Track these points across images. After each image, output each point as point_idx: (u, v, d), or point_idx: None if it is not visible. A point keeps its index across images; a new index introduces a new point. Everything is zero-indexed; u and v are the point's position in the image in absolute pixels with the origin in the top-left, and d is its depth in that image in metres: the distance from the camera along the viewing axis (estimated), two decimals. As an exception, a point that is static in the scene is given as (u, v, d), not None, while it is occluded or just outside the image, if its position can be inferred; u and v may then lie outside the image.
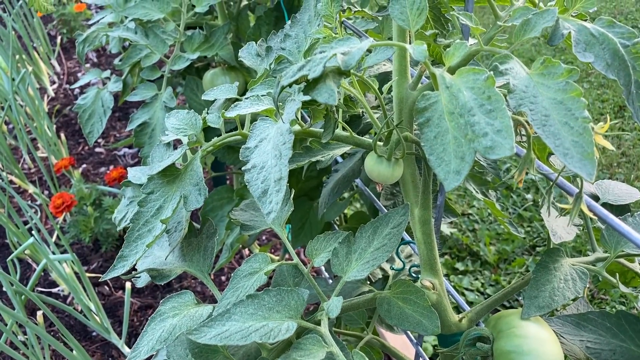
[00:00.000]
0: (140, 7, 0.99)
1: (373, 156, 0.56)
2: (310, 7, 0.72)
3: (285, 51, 0.70)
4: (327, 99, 0.44)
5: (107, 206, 1.72)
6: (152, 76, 0.99)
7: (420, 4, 0.48)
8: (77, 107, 1.15)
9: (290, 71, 0.46)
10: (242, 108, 0.59)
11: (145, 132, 0.96)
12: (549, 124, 0.45)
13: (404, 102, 0.60)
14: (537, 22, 0.50)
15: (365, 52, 0.47)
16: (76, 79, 2.62)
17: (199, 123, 0.66)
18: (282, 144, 0.49)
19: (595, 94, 2.88)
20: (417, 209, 0.62)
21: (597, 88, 2.93)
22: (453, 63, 0.47)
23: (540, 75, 0.47)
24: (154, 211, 0.64)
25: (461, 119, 0.44)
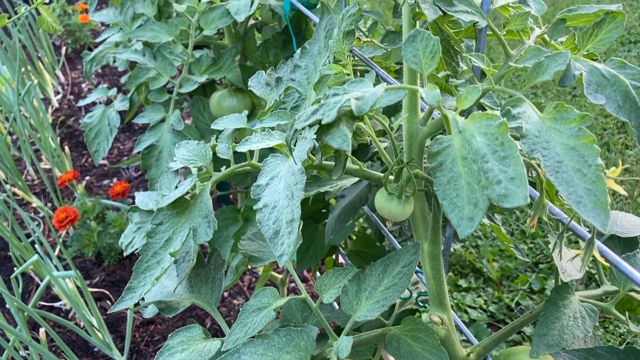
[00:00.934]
0: (148, 30, 1.00)
1: (383, 193, 0.56)
2: (320, 39, 0.72)
3: (294, 82, 0.70)
4: (341, 144, 0.44)
5: (110, 220, 1.72)
6: (159, 99, 0.99)
7: (433, 47, 0.48)
8: (84, 126, 1.16)
9: (304, 115, 0.46)
10: (252, 143, 0.59)
11: (153, 155, 0.96)
12: (561, 170, 0.45)
13: (414, 137, 0.60)
14: (550, 65, 0.50)
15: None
16: (80, 90, 2.63)
17: (208, 154, 0.66)
18: (294, 184, 0.49)
19: (598, 109, 2.88)
20: (426, 243, 0.62)
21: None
22: (466, 107, 0.48)
23: (553, 119, 0.48)
24: (163, 243, 0.64)
25: (474, 165, 0.44)
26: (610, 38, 0.54)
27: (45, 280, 1.30)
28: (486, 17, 0.54)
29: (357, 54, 0.83)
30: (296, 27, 1.04)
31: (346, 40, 0.59)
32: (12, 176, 1.91)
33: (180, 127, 0.95)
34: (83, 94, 2.60)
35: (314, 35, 0.73)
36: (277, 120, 0.67)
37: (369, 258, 1.00)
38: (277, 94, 0.71)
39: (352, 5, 0.59)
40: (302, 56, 0.72)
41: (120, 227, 1.72)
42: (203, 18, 1.02)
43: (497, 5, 0.55)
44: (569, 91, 2.98)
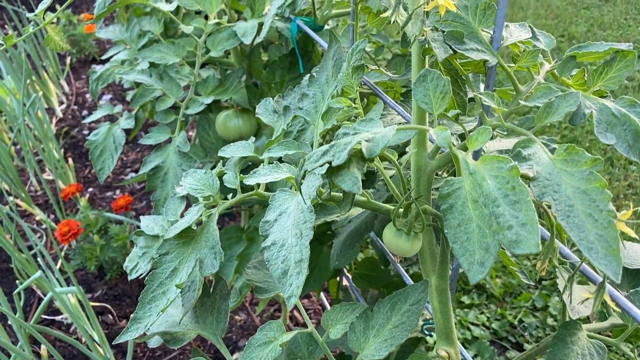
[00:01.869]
0: (155, 51, 1.00)
1: (392, 229, 0.55)
2: (328, 67, 0.72)
3: (302, 111, 0.70)
4: (351, 187, 0.44)
5: (113, 234, 1.72)
6: (166, 120, 0.99)
7: (444, 87, 0.48)
8: (89, 143, 1.16)
9: (314, 155, 0.46)
10: (260, 175, 0.59)
11: (158, 176, 0.96)
12: (572, 214, 0.44)
13: (422, 170, 0.60)
14: (560, 105, 0.50)
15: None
16: (85, 100, 2.64)
17: (216, 184, 0.66)
18: (303, 223, 0.49)
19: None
20: (434, 277, 0.61)
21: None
22: (476, 148, 0.47)
23: (564, 161, 0.47)
24: (169, 273, 0.63)
25: (485, 209, 0.44)
26: (620, 77, 0.54)
27: (48, 297, 1.29)
28: (496, 55, 0.54)
29: (364, 80, 0.83)
30: (303, 49, 1.04)
31: (355, 75, 0.59)
32: (15, 188, 1.91)
33: (186, 149, 0.95)
34: (87, 104, 2.60)
35: (322, 63, 0.73)
36: (285, 150, 0.66)
37: (373, 281, 0.99)
38: (285, 123, 0.71)
39: (361, 41, 0.59)
40: (310, 84, 0.72)
41: (123, 241, 1.72)
42: (210, 39, 1.02)
43: (507, 43, 0.54)
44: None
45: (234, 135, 1.10)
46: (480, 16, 0.54)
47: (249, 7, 1.01)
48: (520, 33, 0.56)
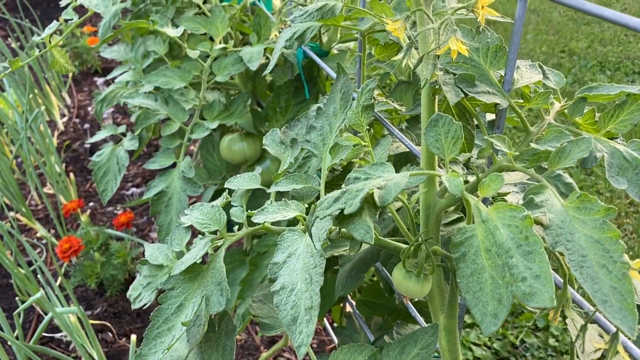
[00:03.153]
0: (161, 75, 1.00)
1: (401, 270, 0.55)
2: (336, 100, 0.72)
3: (310, 144, 0.70)
4: (364, 236, 0.43)
5: (114, 251, 1.71)
6: (171, 144, 0.99)
7: (456, 132, 0.48)
8: (92, 164, 1.15)
9: (325, 201, 0.46)
10: (269, 214, 0.58)
11: (162, 201, 0.96)
12: (586, 265, 0.44)
13: (431, 208, 0.60)
14: (572, 151, 0.50)
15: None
16: (86, 113, 2.64)
17: (222, 219, 0.66)
18: (313, 267, 0.48)
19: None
20: (442, 316, 0.61)
21: (604, 134, 2.93)
22: (489, 195, 0.47)
23: (576, 209, 0.47)
24: (175, 309, 0.63)
25: (498, 259, 0.44)
26: (632, 120, 0.54)
27: (48, 317, 1.28)
28: (507, 97, 0.54)
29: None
30: (308, 74, 1.04)
31: (365, 113, 0.59)
32: (16, 202, 1.91)
33: (191, 174, 0.95)
34: (89, 117, 2.60)
35: (330, 95, 0.73)
36: (293, 184, 0.66)
37: (377, 309, 0.99)
38: (293, 156, 0.70)
39: (371, 80, 0.59)
40: (317, 116, 0.72)
41: (124, 258, 1.71)
42: (216, 64, 1.02)
43: (518, 85, 0.54)
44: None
45: (238, 159, 1.10)
46: (491, 58, 0.54)
47: (255, 33, 1.01)
48: (531, 74, 0.56)
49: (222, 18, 1.01)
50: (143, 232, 1.96)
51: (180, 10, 1.33)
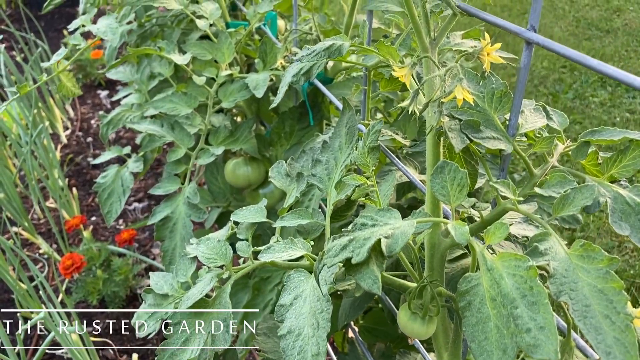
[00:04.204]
0: (168, 101, 1.01)
1: (407, 311, 0.56)
2: (342, 134, 0.73)
3: (315, 178, 0.71)
4: (371, 285, 0.44)
5: (116, 267, 1.71)
6: (176, 170, 1.00)
7: (462, 180, 0.49)
8: (97, 186, 1.16)
9: (333, 249, 0.46)
10: (276, 252, 0.59)
11: (167, 227, 0.96)
12: (589, 315, 0.45)
13: (435, 247, 0.60)
14: (576, 198, 0.50)
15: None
16: (89, 126, 2.65)
17: (229, 253, 0.66)
18: (320, 312, 0.49)
19: (603, 157, 2.89)
20: (446, 354, 0.61)
21: (604, 150, 2.94)
22: (494, 242, 0.48)
23: (580, 257, 0.48)
24: (180, 343, 0.63)
25: (504, 309, 0.44)
26: (635, 165, 0.54)
27: (50, 337, 1.29)
28: (512, 142, 0.55)
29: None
30: (313, 100, 1.05)
31: (371, 154, 0.60)
32: (19, 217, 1.91)
33: (196, 200, 0.96)
34: (92, 131, 2.62)
35: (335, 129, 0.74)
36: (298, 219, 0.67)
37: (380, 335, 0.99)
38: (298, 191, 0.71)
39: (377, 122, 0.60)
40: (323, 150, 0.73)
41: (126, 275, 1.72)
42: (222, 90, 1.03)
43: (523, 130, 0.55)
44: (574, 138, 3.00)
45: (242, 183, 1.10)
46: (496, 103, 0.55)
47: (261, 59, 1.02)
48: (535, 118, 0.57)
49: (229, 44, 1.03)
50: (145, 248, 1.97)
51: (186, 32, 1.35)
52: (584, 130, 2.65)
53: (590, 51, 3.79)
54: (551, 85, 3.41)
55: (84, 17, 1.08)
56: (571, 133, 3.06)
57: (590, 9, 4.39)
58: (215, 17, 1.08)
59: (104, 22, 0.99)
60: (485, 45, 0.52)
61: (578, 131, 3.15)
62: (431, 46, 0.58)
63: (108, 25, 0.98)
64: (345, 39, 0.67)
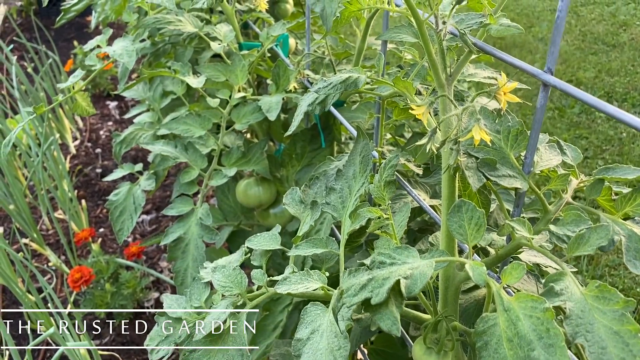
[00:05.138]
0: (182, 123, 1.02)
1: (422, 346, 0.56)
2: (356, 163, 0.74)
3: (329, 206, 0.72)
4: (390, 327, 0.45)
5: (124, 280, 1.72)
6: (189, 191, 1.01)
7: (479, 219, 0.50)
8: (109, 204, 1.17)
9: (352, 288, 0.47)
10: (292, 284, 0.60)
11: (179, 247, 0.97)
12: (606, 358, 0.45)
13: (450, 280, 0.61)
14: (592, 237, 0.51)
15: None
16: (98, 137, 2.67)
17: (244, 282, 0.67)
18: (337, 349, 0.50)
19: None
20: (459, 386, 0.62)
21: (611, 166, 2.94)
22: (511, 282, 0.48)
23: (595, 298, 0.48)
24: (196, 371, 0.64)
25: (520, 350, 0.45)
26: (649, 204, 0.55)
27: (58, 353, 1.29)
28: (527, 180, 0.55)
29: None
30: (324, 123, 1.06)
31: (387, 188, 0.61)
32: (28, 229, 1.92)
33: (209, 222, 0.96)
34: (100, 141, 2.64)
35: (349, 158, 0.75)
36: (313, 248, 0.68)
37: (389, 358, 0.99)
38: (313, 219, 0.72)
39: (394, 156, 0.61)
40: (337, 178, 0.74)
41: (133, 288, 1.73)
42: (235, 112, 1.04)
43: (538, 168, 0.56)
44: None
45: (253, 203, 1.11)
46: (512, 142, 0.56)
47: (274, 82, 1.03)
48: (550, 155, 0.58)
49: (242, 67, 1.04)
50: (152, 261, 1.98)
51: (198, 50, 1.37)
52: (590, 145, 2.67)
53: (596, 65, 3.80)
54: (557, 99, 3.41)
55: (99, 37, 1.10)
56: (577, 147, 3.07)
57: (597, 23, 4.41)
58: (230, 39, 1.10)
59: (120, 45, 1.01)
60: (502, 85, 0.53)
61: (584, 146, 3.15)
62: (447, 82, 0.59)
63: (124, 47, 0.99)
64: (361, 71, 0.68)
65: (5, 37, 3.73)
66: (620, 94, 3.48)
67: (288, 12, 1.46)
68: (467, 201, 0.50)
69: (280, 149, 1.33)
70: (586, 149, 3.00)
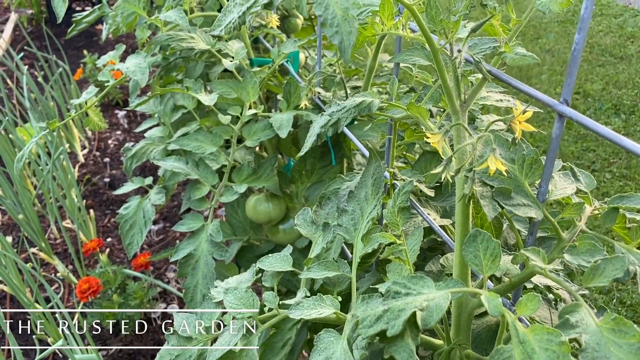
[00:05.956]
0: (193, 140, 1.03)
1: (434, 373, 0.56)
2: (368, 185, 0.74)
3: (341, 228, 0.72)
4: (406, 359, 0.45)
5: (131, 291, 1.73)
6: (200, 207, 1.01)
7: (494, 250, 0.50)
8: (119, 218, 1.18)
9: (367, 319, 0.47)
10: (305, 309, 0.60)
11: (189, 264, 0.98)
12: (622, 392, 0.45)
13: (463, 307, 0.61)
14: (607, 269, 0.51)
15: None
16: (107, 146, 2.68)
17: (256, 304, 0.67)
18: (352, 378, 0.50)
19: (618, 186, 2.88)
20: (471, 413, 0.61)
21: (619, 179, 2.94)
22: (526, 314, 0.48)
23: (611, 331, 0.48)
24: (207, 394, 0.64)
25: (536, 385, 0.45)
26: (664, 234, 0.55)
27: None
28: (542, 208, 0.56)
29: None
30: (334, 140, 1.07)
31: (401, 214, 0.61)
32: (36, 238, 1.93)
33: (219, 239, 0.97)
34: (109, 150, 2.65)
35: (361, 179, 0.75)
36: (325, 271, 0.68)
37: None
38: (325, 241, 0.72)
39: (408, 182, 0.61)
40: (349, 200, 0.74)
41: (141, 299, 1.73)
42: (246, 129, 1.05)
43: (553, 197, 0.56)
44: (587, 165, 2.99)
45: (263, 219, 1.12)
46: (527, 170, 0.56)
47: (285, 100, 1.04)
48: (564, 184, 0.58)
49: (254, 84, 1.04)
50: (159, 271, 1.98)
51: (209, 65, 1.38)
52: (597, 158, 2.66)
53: (604, 77, 3.79)
54: (565, 111, 3.40)
55: (112, 53, 1.11)
56: (584, 160, 3.05)
57: (604, 35, 4.41)
58: (241, 56, 1.10)
59: (133, 61, 1.02)
60: (518, 115, 0.53)
61: (591, 159, 3.14)
62: (461, 109, 0.59)
63: (137, 64, 1.00)
64: (374, 95, 0.68)
65: (15, 45, 3.77)
66: (627, 106, 3.47)
67: (298, 27, 1.47)
68: (483, 231, 0.50)
69: (289, 163, 1.34)
70: (593, 161, 2.99)
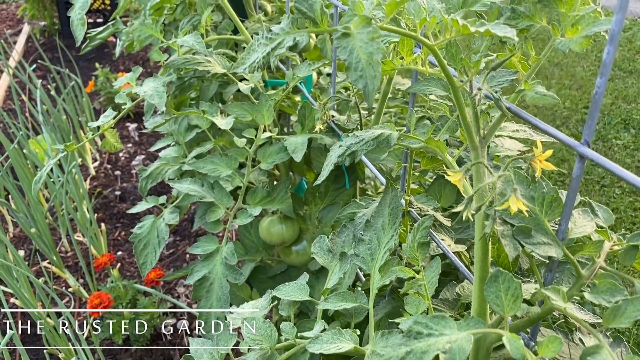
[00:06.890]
0: (209, 162, 1.04)
1: (453, 410, 0.56)
2: (385, 214, 0.74)
3: (358, 258, 0.72)
4: (429, 402, 0.45)
5: (141, 306, 1.73)
6: (214, 229, 1.02)
7: (516, 290, 0.50)
8: (133, 237, 1.19)
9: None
10: (324, 343, 0.60)
11: (204, 286, 0.98)
12: None
13: (482, 342, 0.61)
14: (628, 309, 0.51)
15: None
16: (118, 159, 2.70)
17: (274, 335, 0.68)
18: (373, 417, 0.50)
19: (628, 202, 2.87)
20: None
21: (629, 194, 2.92)
22: (547, 357, 0.49)
23: (633, 374, 0.48)
24: None
25: None
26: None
27: (79, 382, 1.30)
28: (562, 246, 0.56)
29: (414, 216, 0.85)
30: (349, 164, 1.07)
31: (420, 249, 0.61)
32: (48, 252, 1.95)
33: (234, 261, 0.97)
34: (120, 163, 2.67)
35: (378, 208, 0.76)
36: (342, 303, 0.68)
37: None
38: (342, 271, 0.73)
39: (428, 218, 0.62)
40: (366, 229, 0.75)
41: (151, 315, 1.74)
42: (260, 151, 1.06)
43: (572, 235, 0.56)
44: (596, 180, 2.97)
45: (276, 240, 1.12)
46: (546, 208, 0.56)
47: (300, 123, 1.05)
48: (584, 222, 0.58)
49: (269, 107, 1.05)
50: (169, 286, 1.99)
51: (223, 84, 1.39)
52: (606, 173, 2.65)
53: (613, 92, 3.79)
54: (574, 126, 3.40)
55: (129, 75, 1.12)
56: (594, 176, 3.04)
57: (613, 48, 4.39)
58: (257, 79, 1.12)
59: (150, 85, 1.03)
60: (538, 155, 0.53)
61: (601, 174, 3.12)
62: (480, 144, 0.60)
63: (155, 88, 1.01)
64: (392, 128, 0.69)
65: (28, 57, 3.81)
66: (637, 121, 3.46)
67: (311, 46, 1.48)
68: (504, 272, 0.51)
69: (301, 183, 1.34)
70: (602, 177, 2.98)
